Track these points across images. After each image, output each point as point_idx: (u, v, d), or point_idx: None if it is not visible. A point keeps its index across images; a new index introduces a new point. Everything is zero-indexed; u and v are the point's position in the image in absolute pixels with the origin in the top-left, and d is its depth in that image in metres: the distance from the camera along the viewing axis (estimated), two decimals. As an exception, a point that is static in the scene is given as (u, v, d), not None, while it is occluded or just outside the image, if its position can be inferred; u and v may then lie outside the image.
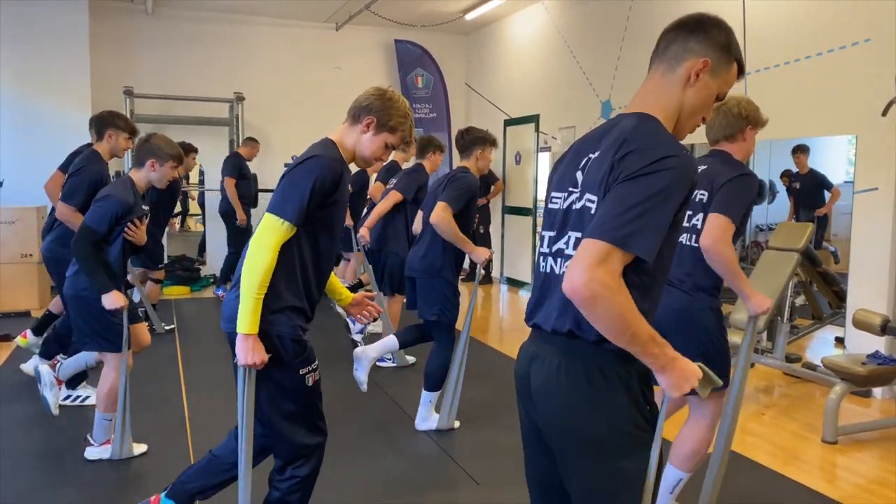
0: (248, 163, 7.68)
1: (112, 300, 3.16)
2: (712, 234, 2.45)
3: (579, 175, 1.55)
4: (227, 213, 7.53)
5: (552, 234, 1.59)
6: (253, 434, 2.30)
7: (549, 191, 1.66)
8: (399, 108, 2.36)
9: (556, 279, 1.54)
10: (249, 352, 2.15)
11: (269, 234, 2.17)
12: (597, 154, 1.52)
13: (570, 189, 1.57)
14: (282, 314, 2.23)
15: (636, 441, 1.50)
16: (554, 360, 1.53)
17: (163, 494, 2.53)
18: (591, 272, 1.34)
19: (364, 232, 5.07)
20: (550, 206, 1.63)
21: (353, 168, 2.70)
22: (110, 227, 3.23)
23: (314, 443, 2.36)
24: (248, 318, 2.15)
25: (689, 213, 2.57)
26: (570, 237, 1.54)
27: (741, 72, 1.61)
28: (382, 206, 5.01)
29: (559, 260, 1.56)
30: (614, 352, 1.45)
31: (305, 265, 2.27)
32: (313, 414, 2.37)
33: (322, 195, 2.20)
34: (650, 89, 1.60)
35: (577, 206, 1.53)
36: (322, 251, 2.31)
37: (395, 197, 5.00)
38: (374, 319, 2.71)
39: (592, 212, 1.47)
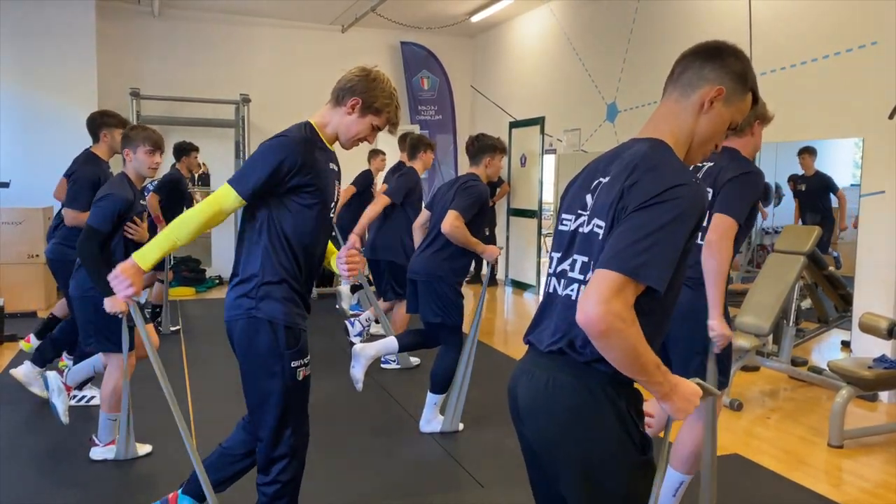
0: None
1: (113, 304, 3.11)
2: (718, 231, 2.47)
3: (589, 198, 1.55)
4: None
5: (559, 255, 1.59)
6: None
7: (559, 212, 1.65)
8: (384, 88, 2.32)
9: (558, 299, 1.54)
10: (126, 277, 2.07)
11: (218, 202, 2.15)
12: (607, 179, 1.51)
13: (580, 212, 1.56)
14: (273, 299, 2.21)
15: (624, 461, 1.48)
16: (543, 377, 1.52)
17: (179, 491, 2.55)
18: (606, 305, 1.33)
19: (354, 239, 5.00)
20: (560, 227, 1.62)
21: (356, 167, 2.67)
22: (114, 226, 3.23)
23: (296, 445, 2.31)
24: (150, 253, 2.11)
25: None
26: (575, 260, 1.53)
27: (755, 101, 1.61)
28: (371, 211, 4.97)
29: (562, 281, 1.55)
30: (606, 373, 1.44)
31: (294, 251, 2.23)
32: (298, 413, 2.32)
33: (283, 175, 2.16)
34: (663, 114, 1.59)
35: (585, 229, 1.52)
36: (308, 238, 2.26)
37: (383, 200, 4.97)
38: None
39: (600, 237, 1.46)
